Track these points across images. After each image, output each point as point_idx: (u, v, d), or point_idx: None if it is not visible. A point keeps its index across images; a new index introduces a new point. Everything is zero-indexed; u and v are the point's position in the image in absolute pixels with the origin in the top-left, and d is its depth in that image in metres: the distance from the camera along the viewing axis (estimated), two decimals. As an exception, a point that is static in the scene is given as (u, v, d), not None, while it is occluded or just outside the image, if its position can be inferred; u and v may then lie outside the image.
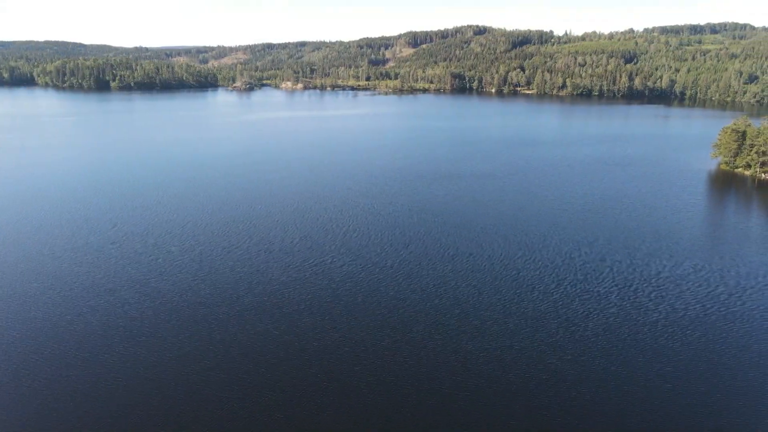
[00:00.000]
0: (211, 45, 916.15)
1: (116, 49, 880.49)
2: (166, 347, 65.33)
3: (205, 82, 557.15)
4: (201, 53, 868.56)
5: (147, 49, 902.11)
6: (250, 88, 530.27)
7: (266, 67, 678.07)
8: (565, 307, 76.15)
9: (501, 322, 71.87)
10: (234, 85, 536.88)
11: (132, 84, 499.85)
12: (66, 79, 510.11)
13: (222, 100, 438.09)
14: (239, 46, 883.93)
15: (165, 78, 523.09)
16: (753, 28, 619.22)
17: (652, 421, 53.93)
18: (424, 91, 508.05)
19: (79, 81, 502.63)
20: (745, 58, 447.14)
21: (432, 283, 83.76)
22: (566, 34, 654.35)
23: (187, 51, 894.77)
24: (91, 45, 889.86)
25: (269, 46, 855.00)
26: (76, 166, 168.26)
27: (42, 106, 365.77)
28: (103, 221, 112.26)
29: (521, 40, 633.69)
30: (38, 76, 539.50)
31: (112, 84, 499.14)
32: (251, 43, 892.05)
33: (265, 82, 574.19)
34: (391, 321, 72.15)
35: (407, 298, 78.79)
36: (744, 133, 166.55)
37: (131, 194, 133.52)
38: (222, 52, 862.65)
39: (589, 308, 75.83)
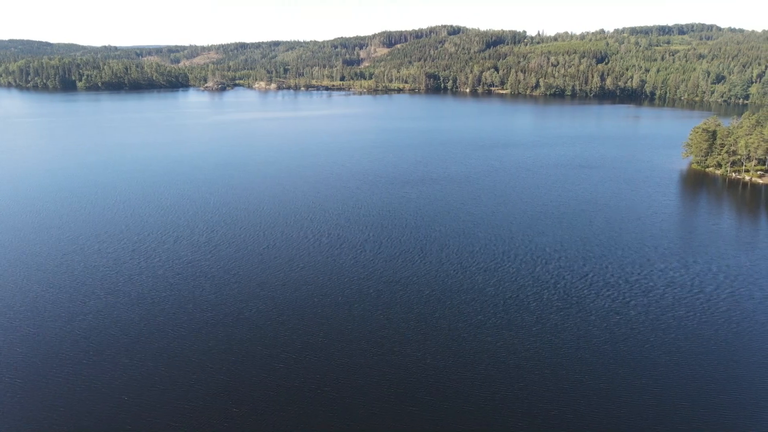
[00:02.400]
0: (183, 44, 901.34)
1: (84, 48, 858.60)
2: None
3: (176, 82, 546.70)
4: (172, 53, 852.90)
5: (116, 48, 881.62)
6: (222, 88, 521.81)
7: (239, 67, 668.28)
8: (540, 309, 74.40)
9: (473, 330, 69.71)
10: (206, 85, 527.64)
11: (99, 84, 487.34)
12: (30, 78, 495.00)
13: (193, 100, 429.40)
14: (211, 45, 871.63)
15: (134, 78, 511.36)
16: (719, 29, 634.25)
17: (631, 423, 52.33)
18: (399, 91, 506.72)
19: (44, 81, 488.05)
20: (713, 59, 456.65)
21: (406, 289, 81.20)
22: (539, 34, 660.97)
23: (158, 50, 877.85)
24: (58, 44, 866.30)
25: (242, 46, 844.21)
26: (32, 171, 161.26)
27: (0, 107, 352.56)
28: (50, 228, 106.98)
29: (495, 40, 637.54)
30: (0, 75, 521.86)
31: (79, 84, 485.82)
32: (224, 42, 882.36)
33: (237, 82, 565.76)
34: (363, 329, 69.39)
35: (382, 303, 76.15)
36: (714, 133, 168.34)
37: (89, 200, 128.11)
38: (194, 51, 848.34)
39: (567, 314, 74.18)
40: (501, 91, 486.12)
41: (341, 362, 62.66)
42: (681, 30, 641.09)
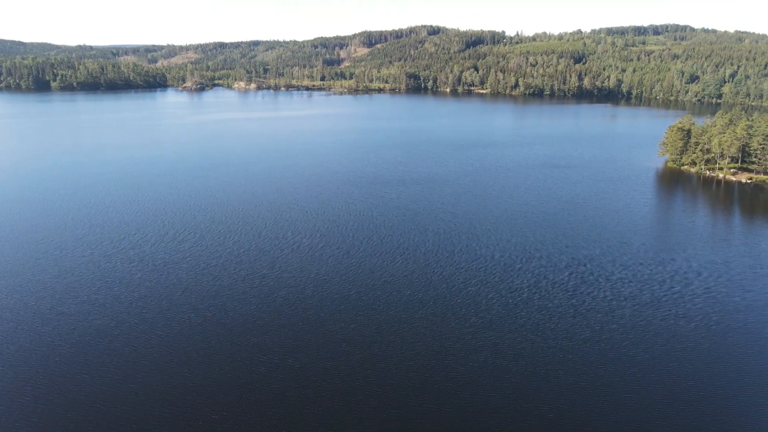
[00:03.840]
0: (161, 44, 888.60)
1: (58, 47, 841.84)
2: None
3: (154, 83, 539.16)
4: (150, 52, 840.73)
5: (92, 48, 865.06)
6: (201, 88, 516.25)
7: (218, 66, 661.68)
8: (521, 308, 74.98)
9: (454, 330, 69.97)
10: (184, 85, 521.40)
11: (75, 84, 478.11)
12: (2, 79, 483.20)
13: (172, 100, 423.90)
14: (190, 45, 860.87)
15: (111, 78, 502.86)
16: (693, 29, 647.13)
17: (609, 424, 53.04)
18: (380, 91, 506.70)
19: (17, 81, 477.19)
20: (687, 59, 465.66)
21: (387, 290, 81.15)
22: (518, 34, 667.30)
23: (134, 50, 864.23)
24: (31, 43, 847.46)
25: (221, 46, 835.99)
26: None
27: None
28: (21, 232, 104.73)
29: (474, 41, 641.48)
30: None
31: (53, 84, 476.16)
32: (202, 42, 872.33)
33: (216, 82, 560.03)
34: (343, 331, 69.17)
35: (363, 304, 76.01)
36: (689, 132, 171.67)
37: (62, 203, 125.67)
38: (172, 51, 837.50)
39: (548, 313, 74.86)
40: (481, 91, 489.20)
41: (322, 365, 62.32)
42: (656, 30, 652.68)
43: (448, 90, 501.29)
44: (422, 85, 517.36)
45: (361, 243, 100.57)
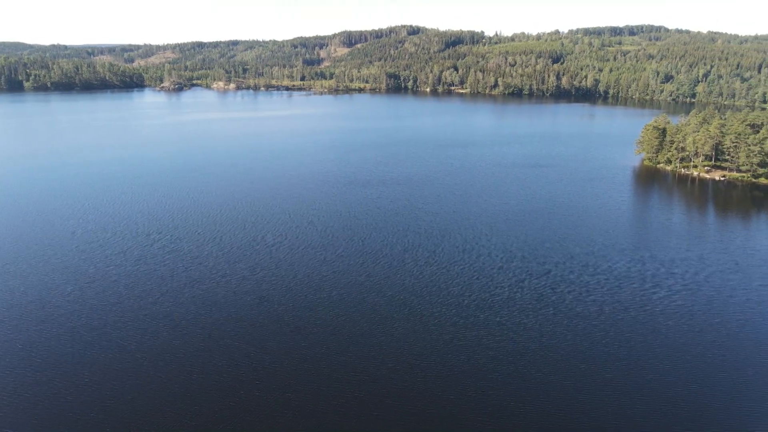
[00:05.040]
0: (137, 43, 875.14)
1: (31, 46, 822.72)
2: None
3: (131, 83, 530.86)
4: (126, 52, 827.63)
5: (66, 47, 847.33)
6: (179, 88, 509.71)
7: (196, 66, 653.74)
8: (502, 307, 75.58)
9: (435, 330, 70.23)
10: (162, 85, 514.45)
11: (48, 84, 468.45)
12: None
13: (149, 101, 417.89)
14: (167, 44, 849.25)
15: (86, 78, 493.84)
16: (667, 30, 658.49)
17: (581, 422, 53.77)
18: (360, 90, 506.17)
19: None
20: (661, 59, 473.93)
21: (367, 291, 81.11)
22: (497, 34, 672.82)
23: (110, 49, 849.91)
24: (3, 42, 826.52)
25: (199, 45, 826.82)
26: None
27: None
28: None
29: (454, 40, 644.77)
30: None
31: (26, 84, 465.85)
32: (180, 41, 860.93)
33: (195, 82, 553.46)
34: (323, 332, 68.95)
35: (344, 305, 75.84)
36: (664, 131, 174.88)
37: (35, 206, 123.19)
38: (149, 50, 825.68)
39: (529, 312, 75.56)
40: (461, 91, 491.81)
41: (302, 367, 62.03)
42: (631, 31, 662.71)
43: (428, 90, 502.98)
44: (402, 84, 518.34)
45: (342, 244, 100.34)
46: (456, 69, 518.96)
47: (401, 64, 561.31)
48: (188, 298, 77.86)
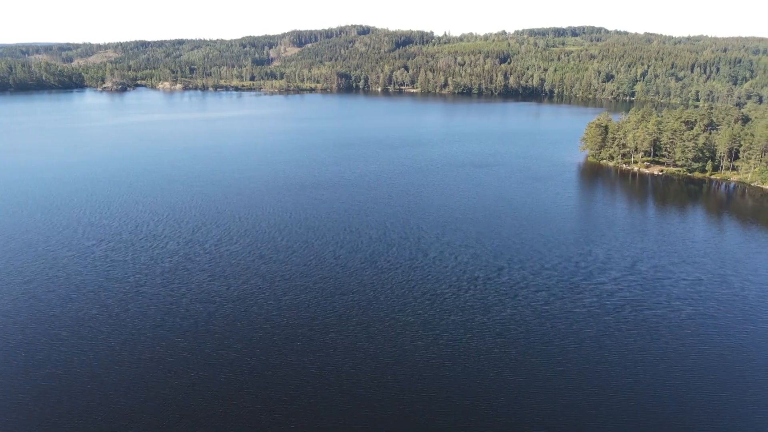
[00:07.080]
0: (76, 42, 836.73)
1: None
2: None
3: (70, 83, 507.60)
4: (64, 51, 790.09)
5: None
6: (122, 88, 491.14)
7: (140, 66, 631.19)
8: (456, 305, 76.70)
9: (388, 333, 70.62)
10: (104, 85, 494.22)
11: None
12: None
13: (90, 102, 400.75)
14: (109, 43, 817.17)
15: (21, 78, 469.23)
16: (607, 31, 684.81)
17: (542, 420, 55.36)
18: (311, 90, 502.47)
19: None
20: (602, 59, 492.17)
21: (324, 294, 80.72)
22: (446, 34, 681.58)
23: (47, 48, 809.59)
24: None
25: (143, 44, 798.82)
26: None
27: None
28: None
29: (404, 40, 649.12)
30: None
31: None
32: (122, 40, 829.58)
33: (139, 82, 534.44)
34: (283, 336, 68.19)
35: (304, 307, 75.20)
36: (606, 128, 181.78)
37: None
38: (89, 49, 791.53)
39: (484, 309, 76.93)
40: (411, 90, 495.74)
41: (270, 372, 61.21)
42: (574, 32, 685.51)
43: (379, 89, 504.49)
44: (353, 84, 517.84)
45: (294, 246, 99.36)
46: (407, 69, 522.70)
47: (352, 64, 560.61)
48: (143, 305, 75.30)
